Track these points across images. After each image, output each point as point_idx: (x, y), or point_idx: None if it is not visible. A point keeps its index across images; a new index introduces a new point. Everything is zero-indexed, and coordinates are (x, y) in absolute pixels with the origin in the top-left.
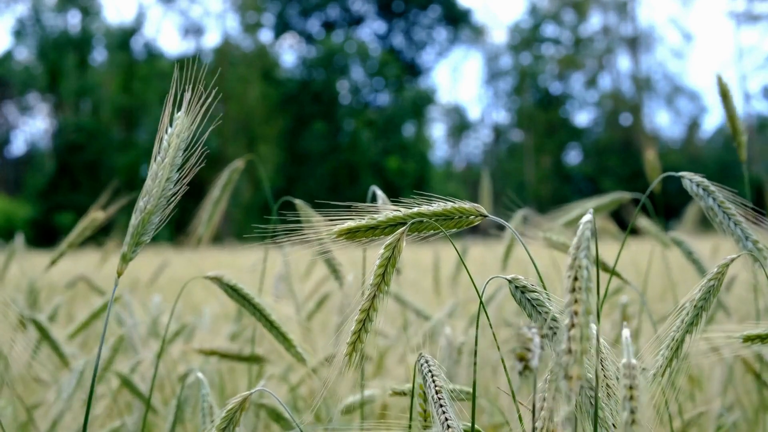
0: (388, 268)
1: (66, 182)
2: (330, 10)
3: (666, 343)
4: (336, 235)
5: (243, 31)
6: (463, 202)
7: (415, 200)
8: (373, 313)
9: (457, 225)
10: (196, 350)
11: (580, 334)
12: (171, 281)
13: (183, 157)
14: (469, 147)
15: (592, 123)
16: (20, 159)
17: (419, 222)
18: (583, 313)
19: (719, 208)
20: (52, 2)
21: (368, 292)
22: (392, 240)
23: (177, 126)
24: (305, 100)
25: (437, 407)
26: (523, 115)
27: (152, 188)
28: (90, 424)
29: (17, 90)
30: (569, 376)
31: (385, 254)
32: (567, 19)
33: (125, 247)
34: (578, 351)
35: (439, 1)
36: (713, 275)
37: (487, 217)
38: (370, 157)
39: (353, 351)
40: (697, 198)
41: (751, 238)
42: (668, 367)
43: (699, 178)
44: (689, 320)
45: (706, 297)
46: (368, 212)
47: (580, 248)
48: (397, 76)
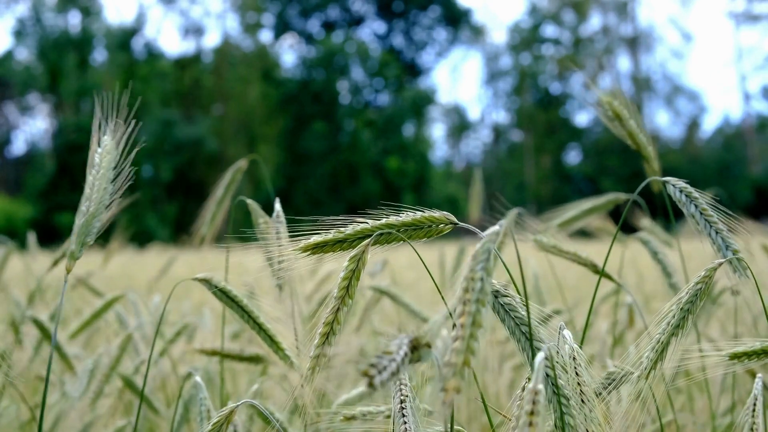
0: (352, 281)
1: (66, 182)
2: (330, 10)
3: (651, 345)
4: (302, 249)
5: (243, 32)
6: (432, 210)
7: (384, 211)
8: (337, 326)
9: (427, 234)
10: (198, 350)
11: (463, 347)
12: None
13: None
14: (469, 147)
15: (592, 123)
16: (20, 159)
17: (387, 233)
18: (470, 324)
19: (701, 216)
20: (52, 2)
21: (332, 304)
22: (357, 252)
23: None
24: (305, 100)
25: (399, 417)
26: (523, 115)
27: (91, 194)
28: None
29: (17, 90)
30: (445, 388)
31: (349, 266)
32: (567, 19)
33: (73, 245)
34: (458, 363)
35: (439, 1)
36: (701, 278)
37: (457, 225)
38: (370, 157)
39: (316, 365)
40: (680, 204)
41: (732, 247)
42: (652, 369)
43: (682, 184)
44: (675, 323)
45: (692, 300)
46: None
47: (477, 260)
48: (397, 76)
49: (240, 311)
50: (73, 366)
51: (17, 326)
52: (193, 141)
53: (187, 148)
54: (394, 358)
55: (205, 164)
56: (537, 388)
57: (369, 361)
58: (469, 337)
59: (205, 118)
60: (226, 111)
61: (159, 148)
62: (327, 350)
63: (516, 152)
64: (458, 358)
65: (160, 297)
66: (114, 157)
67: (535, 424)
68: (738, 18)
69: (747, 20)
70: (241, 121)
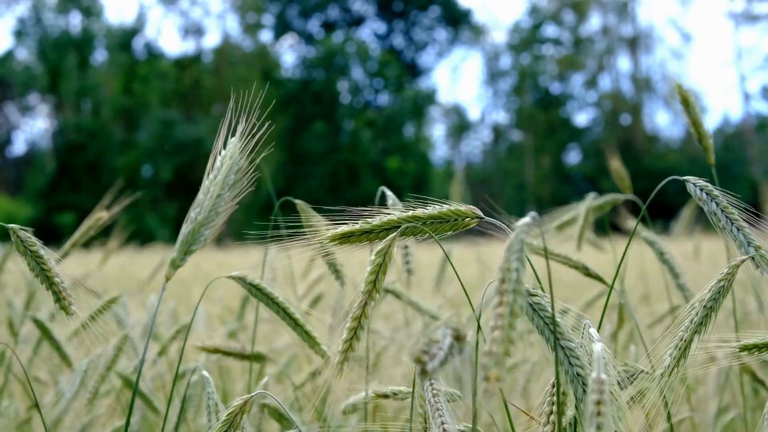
0: (379, 275)
1: (66, 182)
2: (330, 10)
3: (674, 343)
4: (330, 239)
5: (243, 32)
6: (458, 204)
7: (411, 203)
8: (365, 320)
9: (453, 228)
10: (199, 347)
11: (502, 337)
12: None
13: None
14: (469, 147)
15: (592, 123)
16: (21, 159)
17: (414, 225)
18: (508, 314)
19: (722, 213)
20: (52, 2)
21: (360, 299)
22: (383, 246)
23: (230, 149)
24: (305, 100)
25: (434, 411)
26: (523, 115)
27: (204, 201)
28: (92, 423)
29: (18, 90)
30: (487, 377)
31: (376, 261)
32: (567, 19)
33: (175, 253)
34: (499, 353)
35: (439, 2)
36: (723, 276)
37: (483, 219)
38: (370, 157)
39: (345, 359)
40: (701, 202)
41: (754, 243)
42: (676, 367)
43: (702, 183)
44: (698, 320)
45: (715, 297)
46: (363, 216)
47: (512, 251)
48: (397, 76)
49: (276, 308)
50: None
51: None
52: (193, 141)
53: (187, 148)
54: (441, 346)
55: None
56: (601, 378)
57: (420, 348)
58: (508, 326)
59: (205, 118)
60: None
61: (159, 148)
62: (355, 345)
63: (516, 152)
64: (499, 348)
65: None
66: (236, 161)
67: (603, 414)
68: (737, 18)
69: (746, 20)
70: None
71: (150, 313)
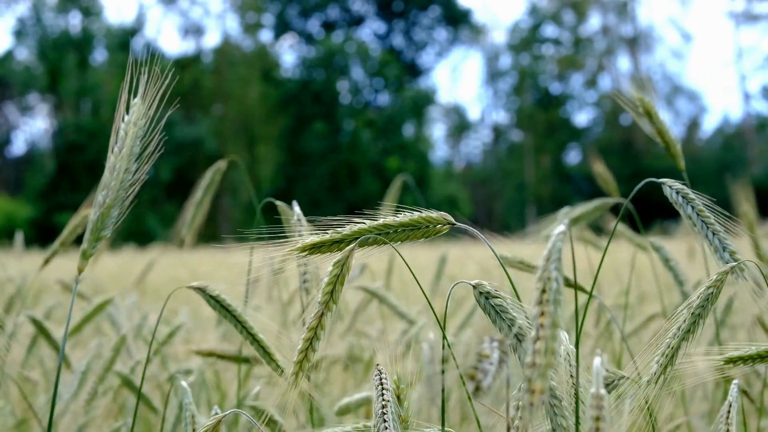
0: (336, 285)
1: (66, 182)
2: (330, 10)
3: (661, 350)
4: (300, 250)
5: (243, 32)
6: (429, 211)
7: (382, 211)
8: (321, 331)
9: (425, 235)
10: (194, 352)
11: (545, 348)
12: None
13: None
14: (469, 147)
15: (592, 123)
16: (21, 159)
17: (385, 234)
18: (549, 325)
19: (698, 217)
20: (52, 2)
21: (316, 309)
22: (341, 257)
23: (134, 114)
24: (305, 100)
25: (381, 422)
26: (523, 115)
27: (110, 181)
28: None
29: (18, 90)
30: (532, 389)
31: (333, 271)
32: (567, 19)
33: (85, 243)
34: (542, 364)
35: (439, 2)
36: (712, 283)
37: (454, 225)
38: (370, 157)
39: (300, 370)
40: (677, 206)
41: (729, 248)
42: (662, 374)
43: (679, 185)
44: (686, 327)
45: (704, 304)
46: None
47: (551, 260)
48: (397, 76)
49: (234, 321)
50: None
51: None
52: (193, 141)
53: (187, 148)
54: (491, 361)
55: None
56: (600, 393)
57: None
58: (550, 337)
59: (205, 118)
60: (226, 111)
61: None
62: (311, 355)
63: (516, 152)
64: (542, 359)
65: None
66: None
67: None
68: (738, 18)
69: (747, 20)
70: (241, 121)
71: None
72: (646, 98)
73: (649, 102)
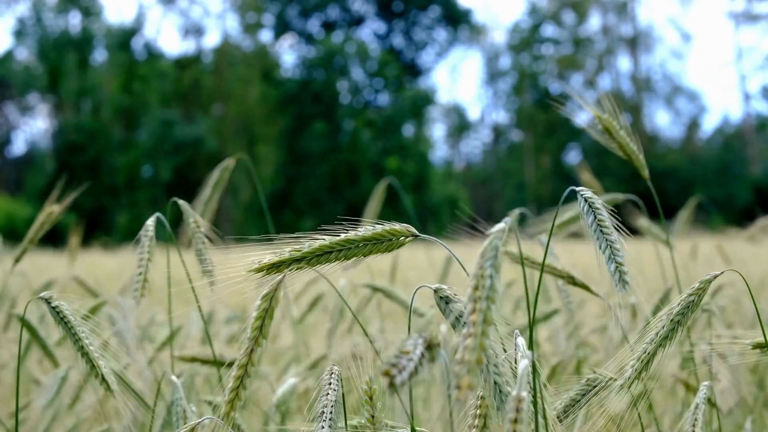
0: (265, 320)
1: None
2: (330, 10)
3: (637, 354)
4: (256, 271)
5: (243, 32)
6: (392, 223)
7: (344, 226)
8: (251, 368)
9: (388, 248)
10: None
11: (475, 344)
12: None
13: None
14: (469, 147)
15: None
16: (21, 159)
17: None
18: (481, 322)
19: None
20: (52, 2)
21: (245, 346)
22: (269, 290)
23: None
24: (305, 100)
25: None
26: (523, 115)
27: None
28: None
29: (18, 90)
30: (459, 385)
31: (262, 306)
32: (567, 19)
33: None
34: (471, 360)
35: (439, 2)
36: (694, 290)
37: (418, 237)
38: (370, 157)
39: (231, 409)
40: (581, 214)
41: (617, 259)
42: (637, 379)
43: (589, 194)
44: (664, 334)
45: (684, 312)
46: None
47: (486, 257)
48: (397, 76)
49: (70, 333)
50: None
51: None
52: (193, 141)
53: (187, 148)
54: (411, 357)
55: (205, 164)
56: (521, 396)
57: (389, 360)
58: (480, 334)
59: (205, 118)
60: (226, 111)
61: (159, 148)
62: (242, 393)
63: (516, 152)
64: (471, 356)
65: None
66: None
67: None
68: (738, 18)
69: (747, 20)
70: (241, 121)
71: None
72: (603, 115)
73: (607, 119)
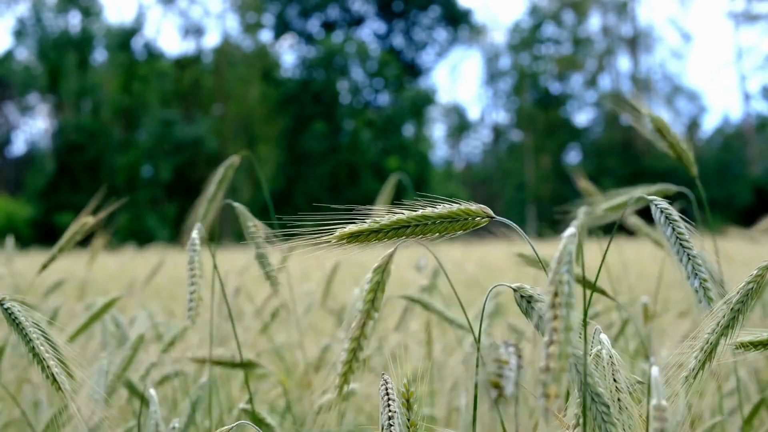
0: (377, 293)
1: (66, 182)
2: (330, 10)
3: (699, 345)
4: (338, 239)
5: (243, 32)
6: (468, 203)
7: (419, 202)
8: (364, 340)
9: (463, 227)
10: (189, 359)
11: (559, 352)
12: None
13: None
14: (469, 147)
15: (592, 123)
16: (20, 159)
17: (423, 225)
18: (563, 329)
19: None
20: (52, 2)
21: (358, 318)
22: (381, 263)
23: None
24: (305, 100)
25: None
26: (523, 115)
27: None
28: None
29: (17, 90)
30: (547, 394)
31: (374, 279)
32: (567, 19)
33: None
34: (557, 368)
35: (439, 1)
36: (752, 278)
37: (494, 218)
38: (370, 157)
39: (345, 382)
40: (659, 225)
41: (701, 275)
42: (701, 370)
43: (664, 205)
44: (725, 323)
45: (743, 300)
46: (370, 215)
47: (562, 263)
48: (397, 76)
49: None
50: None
51: None
52: (193, 141)
53: (187, 148)
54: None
55: (205, 164)
56: (662, 405)
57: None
58: (564, 341)
59: (205, 118)
60: (226, 111)
61: (159, 148)
62: (355, 367)
63: (516, 152)
64: (556, 364)
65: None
66: None
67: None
68: (737, 18)
69: (746, 20)
70: (241, 121)
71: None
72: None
73: (659, 119)
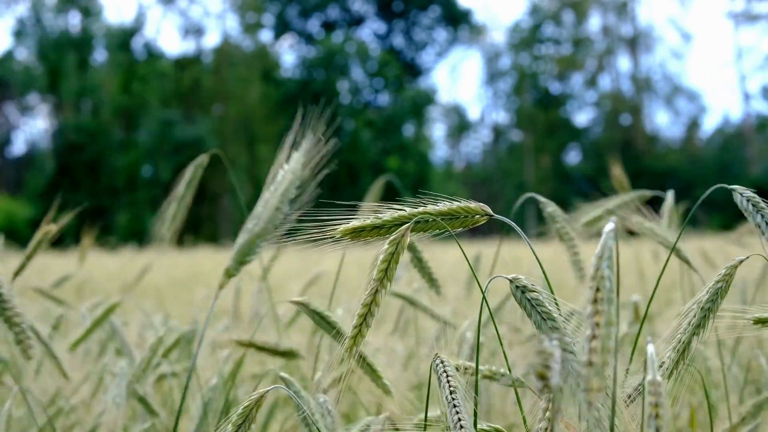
0: (391, 263)
1: (66, 182)
2: (330, 10)
3: (672, 345)
4: (340, 234)
5: (243, 32)
6: (468, 201)
7: (420, 200)
8: (375, 307)
9: (462, 224)
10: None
11: (600, 346)
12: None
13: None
14: (469, 147)
15: (592, 123)
16: (21, 159)
17: (424, 221)
18: (605, 324)
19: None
20: (52, 2)
21: (371, 286)
22: (396, 235)
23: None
24: (305, 100)
25: (451, 408)
26: (523, 115)
27: (262, 213)
28: None
29: (17, 90)
30: (589, 388)
31: (388, 249)
32: (567, 19)
33: (231, 262)
34: (599, 363)
35: (439, 2)
36: (721, 277)
37: (492, 217)
38: (370, 157)
39: (354, 344)
40: (746, 213)
41: None
42: (675, 369)
43: (750, 193)
44: (696, 322)
45: (713, 299)
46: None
47: (603, 258)
48: (397, 76)
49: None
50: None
51: None
52: (193, 141)
53: (187, 148)
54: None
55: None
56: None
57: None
58: (606, 336)
59: (205, 118)
60: (226, 111)
61: (159, 148)
62: (365, 331)
63: (516, 152)
64: (598, 358)
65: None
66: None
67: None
68: (737, 18)
69: (746, 20)
70: (241, 121)
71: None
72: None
73: None
